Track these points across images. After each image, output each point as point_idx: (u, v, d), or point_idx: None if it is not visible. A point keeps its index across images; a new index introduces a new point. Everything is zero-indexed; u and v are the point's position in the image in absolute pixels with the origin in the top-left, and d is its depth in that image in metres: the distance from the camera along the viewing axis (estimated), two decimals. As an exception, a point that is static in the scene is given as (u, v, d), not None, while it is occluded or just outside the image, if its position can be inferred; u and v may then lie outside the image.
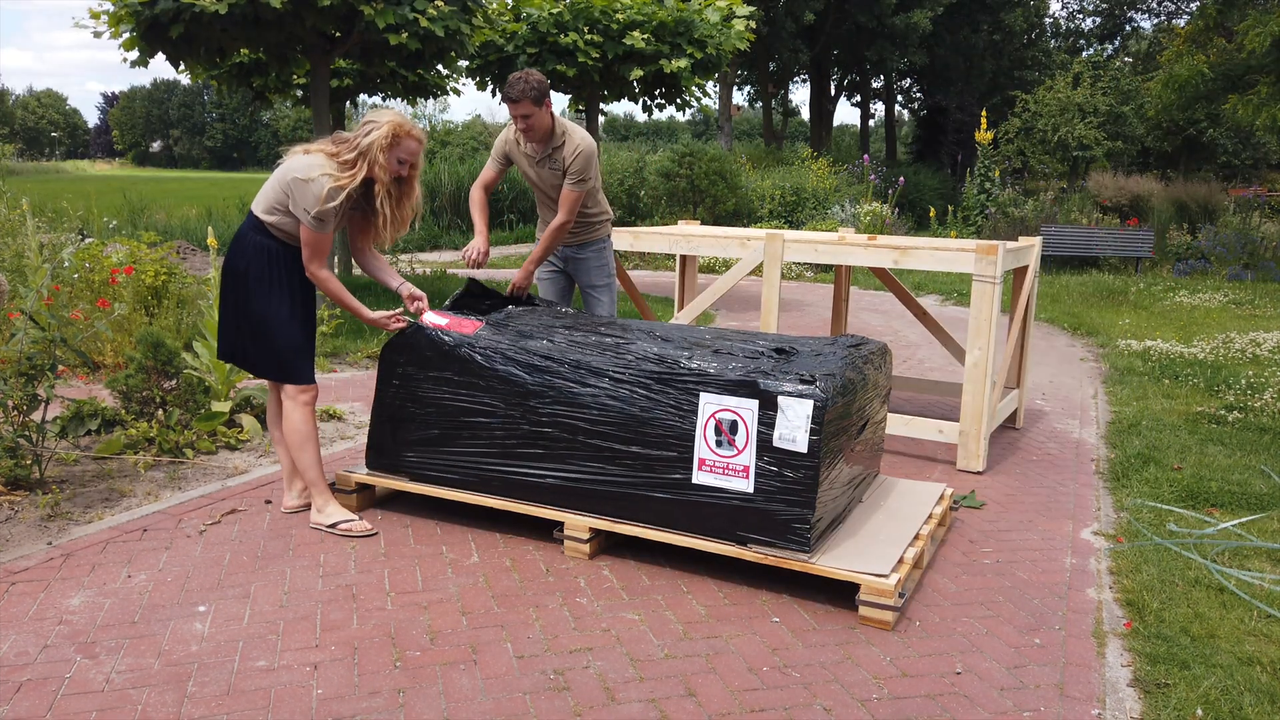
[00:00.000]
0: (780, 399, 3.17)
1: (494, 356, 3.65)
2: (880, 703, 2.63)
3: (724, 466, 3.25)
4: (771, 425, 3.18)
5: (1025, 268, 5.27)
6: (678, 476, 3.33)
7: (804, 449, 3.13)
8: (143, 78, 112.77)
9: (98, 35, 7.46)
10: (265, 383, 5.26)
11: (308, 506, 3.93)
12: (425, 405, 3.77)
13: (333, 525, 3.74)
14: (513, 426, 3.61)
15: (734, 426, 3.23)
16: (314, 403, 3.78)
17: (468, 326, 3.78)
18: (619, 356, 3.51)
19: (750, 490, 3.22)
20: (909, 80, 38.93)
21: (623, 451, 3.41)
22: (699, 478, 3.30)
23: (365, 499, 4.02)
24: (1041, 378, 7.05)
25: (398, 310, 3.87)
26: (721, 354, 3.46)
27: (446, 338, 3.75)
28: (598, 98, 10.46)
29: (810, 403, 3.14)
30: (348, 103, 10.60)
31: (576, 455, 3.51)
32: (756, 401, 3.21)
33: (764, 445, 3.20)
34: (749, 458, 3.22)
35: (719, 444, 3.26)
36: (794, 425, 3.14)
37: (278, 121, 78.42)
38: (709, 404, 3.27)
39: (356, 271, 11.56)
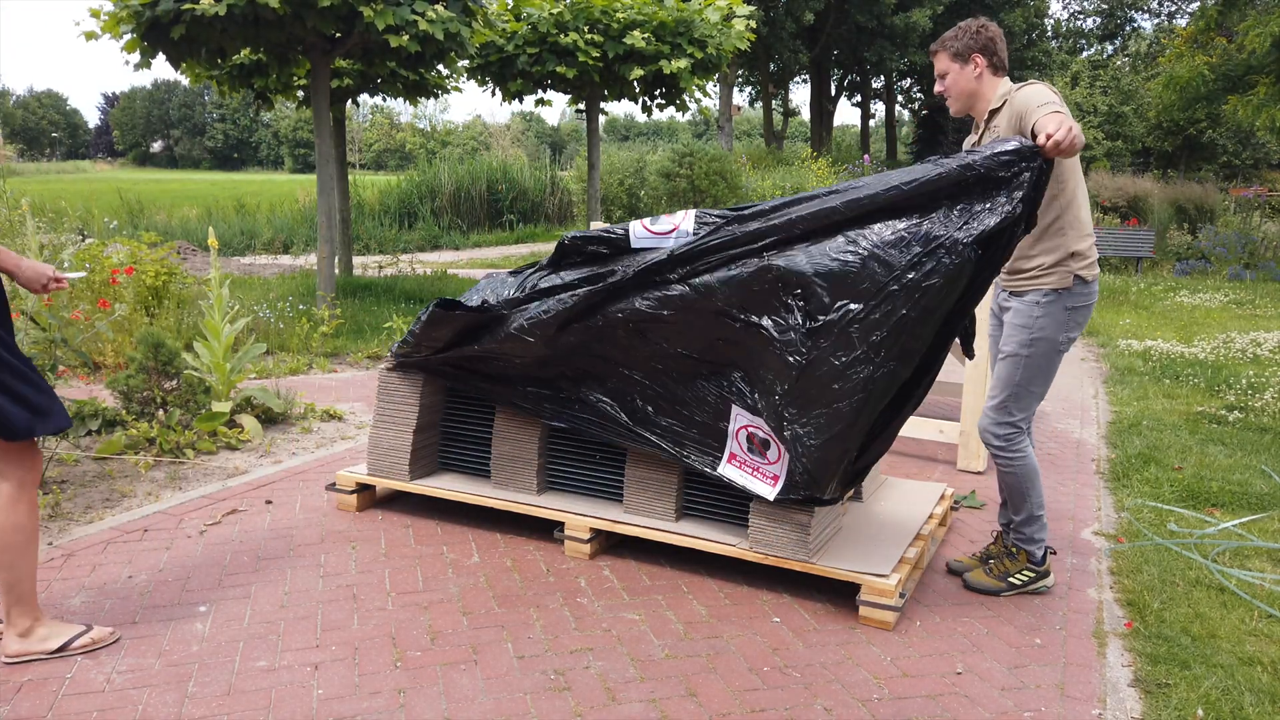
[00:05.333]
0: None
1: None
2: (881, 703, 2.63)
3: (754, 468, 3.19)
4: None
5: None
6: (707, 460, 3.29)
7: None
8: (143, 78, 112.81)
9: (90, 36, 7.39)
10: (266, 384, 5.26)
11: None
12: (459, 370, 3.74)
13: (63, 647, 2.75)
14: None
15: (765, 444, 3.18)
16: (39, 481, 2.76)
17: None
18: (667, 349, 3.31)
19: (771, 497, 3.15)
20: (909, 80, 38.93)
21: (663, 425, 3.37)
22: (725, 469, 3.24)
23: (365, 499, 4.02)
24: (1042, 378, 7.05)
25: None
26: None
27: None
28: (598, 98, 10.45)
29: None
30: (349, 102, 10.61)
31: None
32: None
33: None
34: (781, 469, 3.15)
35: (751, 450, 3.21)
36: None
37: (278, 122, 78.47)
38: (739, 417, 3.22)
39: (368, 272, 11.56)
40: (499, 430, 3.80)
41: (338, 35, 7.56)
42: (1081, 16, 39.67)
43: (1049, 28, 38.45)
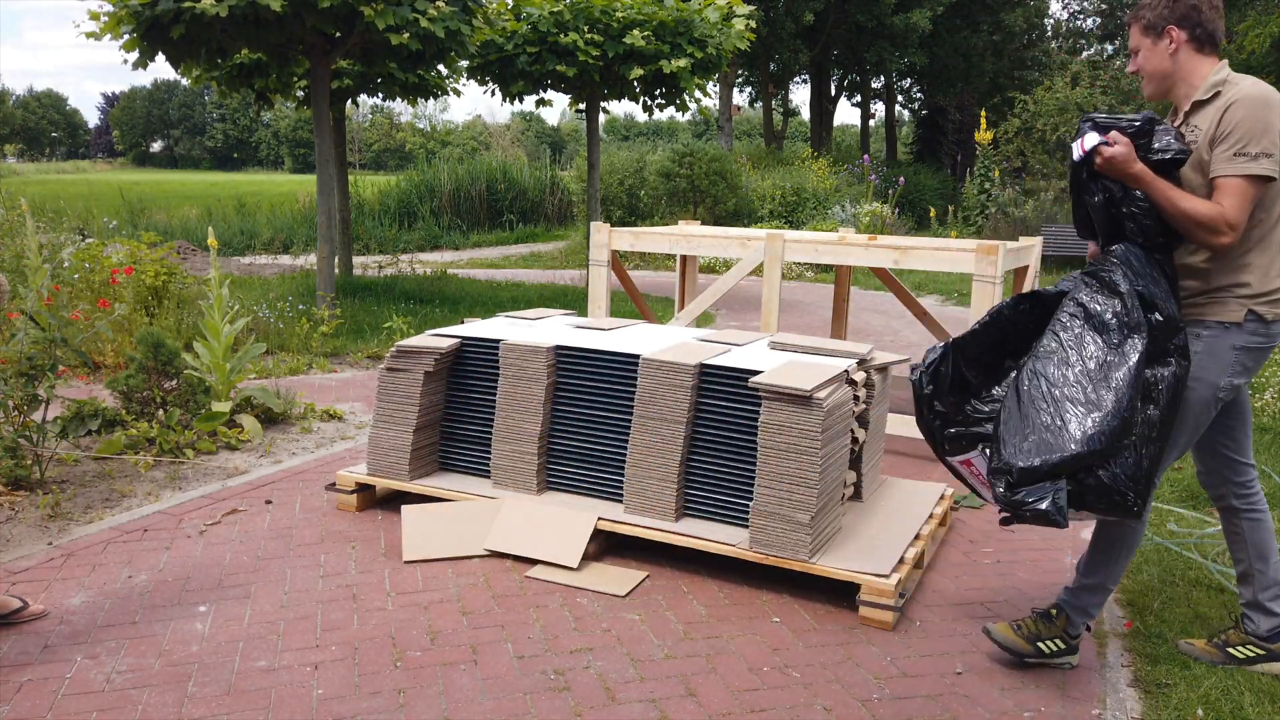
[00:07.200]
0: None
1: None
2: (881, 703, 2.63)
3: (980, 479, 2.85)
4: None
5: (1025, 268, 5.27)
6: None
7: None
8: (143, 78, 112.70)
9: (91, 36, 7.39)
10: (266, 384, 5.25)
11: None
12: None
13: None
14: None
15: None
16: None
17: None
18: None
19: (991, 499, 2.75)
20: (909, 80, 38.91)
21: None
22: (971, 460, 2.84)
23: (365, 499, 4.02)
24: (1042, 378, 7.04)
25: None
26: None
27: None
28: (598, 98, 10.45)
29: None
30: (348, 102, 10.60)
31: None
32: None
33: None
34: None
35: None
36: None
37: (278, 122, 78.45)
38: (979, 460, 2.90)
39: (368, 272, 11.55)
40: (499, 430, 3.80)
41: (337, 35, 7.56)
42: (1081, 16, 39.65)
43: (1049, 28, 38.45)
